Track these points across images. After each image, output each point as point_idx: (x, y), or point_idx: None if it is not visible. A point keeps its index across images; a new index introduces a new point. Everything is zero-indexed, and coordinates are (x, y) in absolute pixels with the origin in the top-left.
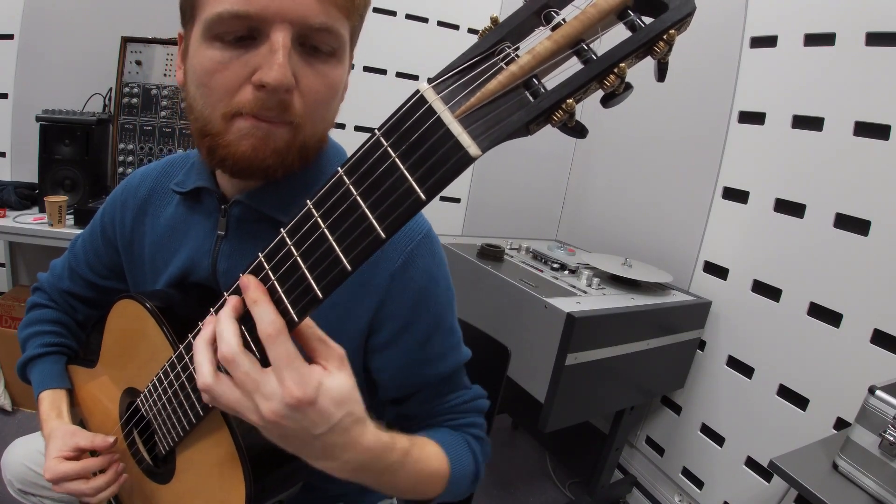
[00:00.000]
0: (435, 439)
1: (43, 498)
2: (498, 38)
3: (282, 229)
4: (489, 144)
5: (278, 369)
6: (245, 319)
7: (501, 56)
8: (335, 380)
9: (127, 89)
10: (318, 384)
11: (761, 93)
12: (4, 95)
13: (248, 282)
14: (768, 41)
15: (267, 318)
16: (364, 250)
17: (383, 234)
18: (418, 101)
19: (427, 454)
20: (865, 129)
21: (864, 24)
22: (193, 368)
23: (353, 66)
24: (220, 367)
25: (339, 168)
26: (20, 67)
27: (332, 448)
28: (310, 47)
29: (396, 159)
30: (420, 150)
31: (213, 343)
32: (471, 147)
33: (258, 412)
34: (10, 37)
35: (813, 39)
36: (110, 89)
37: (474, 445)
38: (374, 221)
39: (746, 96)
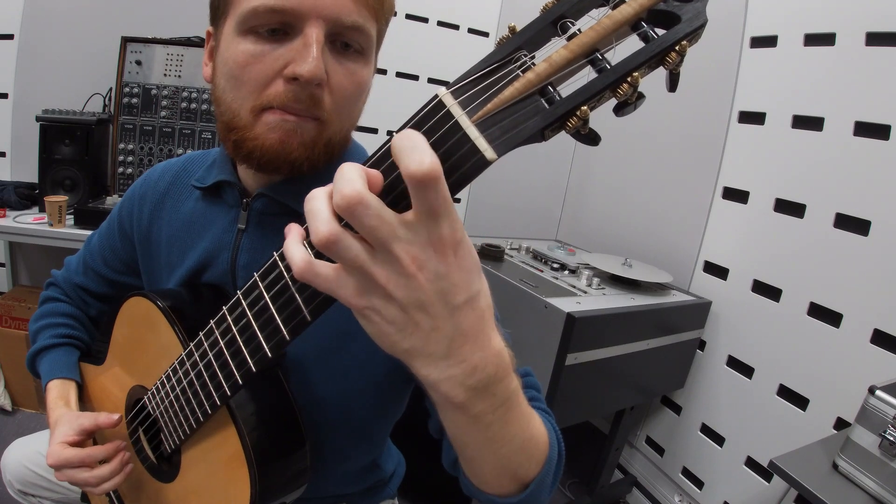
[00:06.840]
0: None
1: (43, 499)
2: (515, 47)
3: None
4: (505, 149)
5: (427, 213)
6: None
7: (518, 64)
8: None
9: (127, 89)
10: (464, 234)
11: (761, 93)
12: (4, 95)
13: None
14: (768, 41)
15: (417, 158)
16: None
17: None
18: (436, 105)
19: (529, 407)
20: (865, 129)
21: (864, 24)
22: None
23: (379, 71)
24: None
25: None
26: (20, 67)
27: (463, 338)
28: (340, 45)
29: None
30: (437, 152)
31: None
32: (487, 151)
33: (392, 266)
34: (10, 37)
35: (813, 39)
36: (110, 89)
37: (552, 421)
38: None
39: (746, 96)
